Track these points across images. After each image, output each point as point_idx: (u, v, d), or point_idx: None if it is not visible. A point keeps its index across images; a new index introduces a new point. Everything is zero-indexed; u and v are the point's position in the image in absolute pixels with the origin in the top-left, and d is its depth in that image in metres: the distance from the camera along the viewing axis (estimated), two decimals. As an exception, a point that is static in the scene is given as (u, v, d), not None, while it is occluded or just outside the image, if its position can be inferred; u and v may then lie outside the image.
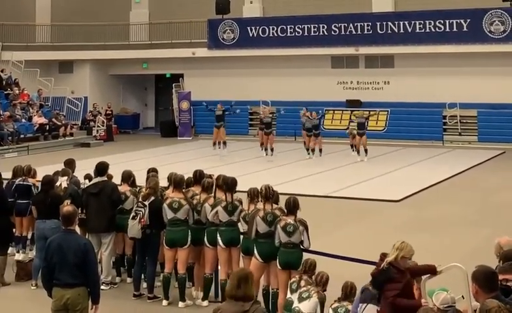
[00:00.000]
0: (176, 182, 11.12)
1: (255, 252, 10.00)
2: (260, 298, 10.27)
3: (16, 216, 12.94)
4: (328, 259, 10.04)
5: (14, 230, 12.92)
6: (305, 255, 9.58)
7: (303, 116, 27.72)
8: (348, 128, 29.49)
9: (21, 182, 13.16)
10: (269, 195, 10.04)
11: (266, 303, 10.15)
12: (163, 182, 12.11)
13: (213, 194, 11.00)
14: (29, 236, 13.06)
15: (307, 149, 27.38)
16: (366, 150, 26.58)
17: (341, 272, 9.46)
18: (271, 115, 27.67)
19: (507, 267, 6.80)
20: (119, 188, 12.11)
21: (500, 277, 6.59)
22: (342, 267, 10.13)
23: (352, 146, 27.82)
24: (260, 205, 10.11)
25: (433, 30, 32.25)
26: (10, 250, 12.84)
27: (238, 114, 29.84)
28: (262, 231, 9.94)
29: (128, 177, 12.31)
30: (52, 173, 13.01)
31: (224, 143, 28.69)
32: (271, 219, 9.92)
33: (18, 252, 12.91)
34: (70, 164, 13.52)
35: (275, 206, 10.08)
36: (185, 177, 11.67)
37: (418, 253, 8.95)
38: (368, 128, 28.28)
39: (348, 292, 8.35)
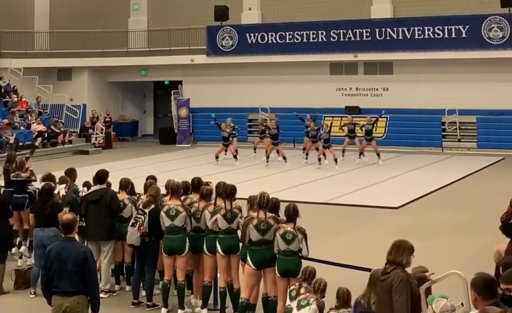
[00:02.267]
0: (173, 189, 11.10)
1: (248, 259, 9.99)
2: (259, 305, 10.28)
3: (14, 210, 12.99)
4: (327, 266, 10.02)
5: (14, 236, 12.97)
6: (304, 263, 9.56)
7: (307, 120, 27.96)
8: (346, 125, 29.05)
9: (15, 178, 13.23)
10: (263, 203, 10.01)
11: (266, 311, 10.13)
12: (161, 190, 12.09)
13: (213, 202, 10.98)
14: (28, 243, 13.12)
15: (307, 153, 27.90)
16: (378, 155, 27.22)
17: (340, 279, 9.43)
18: (276, 126, 27.61)
19: (510, 277, 6.77)
20: (118, 195, 12.09)
21: (503, 286, 6.56)
22: (341, 274, 10.11)
23: (343, 151, 27.94)
24: (254, 213, 10.08)
25: (432, 36, 32.25)
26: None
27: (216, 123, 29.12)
28: (255, 239, 9.92)
29: (126, 185, 12.31)
30: (41, 178, 13.06)
31: (236, 151, 28.59)
32: (264, 228, 9.89)
33: (20, 252, 12.96)
34: (71, 173, 13.52)
35: (269, 214, 10.04)
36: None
37: (417, 260, 8.92)
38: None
39: (345, 298, 8.31)
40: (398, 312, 7.14)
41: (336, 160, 26.22)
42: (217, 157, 28.01)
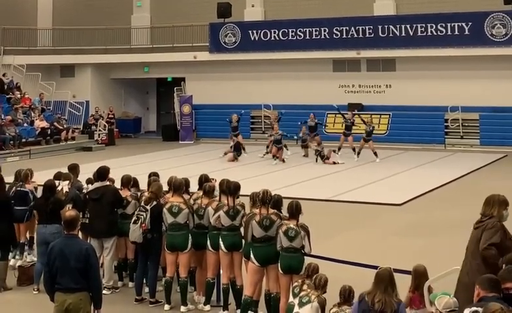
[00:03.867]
0: (176, 186, 11.11)
1: (251, 256, 9.99)
2: (262, 302, 10.29)
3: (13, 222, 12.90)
4: (330, 263, 10.03)
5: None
6: (307, 260, 9.57)
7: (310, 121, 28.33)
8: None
9: (19, 189, 13.14)
10: (266, 199, 10.01)
11: (268, 308, 10.14)
12: (163, 187, 12.10)
13: (217, 198, 10.99)
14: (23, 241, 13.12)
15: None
16: (375, 153, 27.27)
17: (342, 276, 9.44)
18: (281, 132, 27.70)
19: (504, 275, 6.79)
20: (120, 192, 12.09)
21: (502, 285, 6.59)
22: (343, 271, 10.12)
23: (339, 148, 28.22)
24: (256, 209, 10.09)
25: (434, 33, 32.23)
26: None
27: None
28: (258, 236, 9.92)
29: (128, 182, 12.30)
30: (53, 176, 13.02)
31: (243, 148, 29.24)
32: (267, 224, 9.89)
33: (14, 257, 12.90)
34: (74, 169, 13.51)
35: (271, 210, 10.04)
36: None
37: (420, 257, 8.94)
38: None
39: (347, 295, 8.29)
40: (484, 240, 7.68)
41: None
42: (243, 149, 28.79)
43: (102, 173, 12.16)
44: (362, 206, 19.00)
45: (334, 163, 26.46)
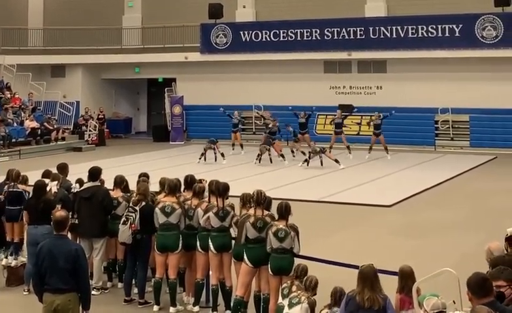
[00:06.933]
0: (171, 187, 11.06)
1: (245, 257, 9.98)
2: (251, 303, 10.29)
3: (6, 222, 12.85)
4: (319, 264, 10.02)
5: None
6: (297, 260, 9.57)
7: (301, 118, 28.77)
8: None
9: (12, 189, 13.06)
10: (260, 200, 10.01)
11: (257, 308, 10.14)
12: (155, 187, 12.08)
13: (206, 199, 10.97)
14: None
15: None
16: (386, 149, 28.23)
17: (332, 277, 9.45)
18: (277, 124, 27.95)
19: (496, 274, 6.80)
20: (112, 193, 12.03)
21: (493, 284, 6.58)
22: (333, 272, 10.12)
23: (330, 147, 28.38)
24: (251, 211, 10.09)
25: (425, 35, 32.30)
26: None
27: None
28: (252, 237, 9.92)
29: (120, 182, 12.25)
30: (42, 173, 12.95)
31: (241, 145, 30.26)
32: (261, 225, 9.89)
33: (7, 257, 12.84)
34: (63, 169, 13.45)
35: (266, 212, 10.04)
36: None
37: (410, 258, 8.95)
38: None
39: (337, 298, 8.30)
40: None
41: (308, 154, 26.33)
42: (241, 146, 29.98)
43: (94, 174, 12.09)
44: (353, 207, 19.01)
45: (336, 161, 25.78)
